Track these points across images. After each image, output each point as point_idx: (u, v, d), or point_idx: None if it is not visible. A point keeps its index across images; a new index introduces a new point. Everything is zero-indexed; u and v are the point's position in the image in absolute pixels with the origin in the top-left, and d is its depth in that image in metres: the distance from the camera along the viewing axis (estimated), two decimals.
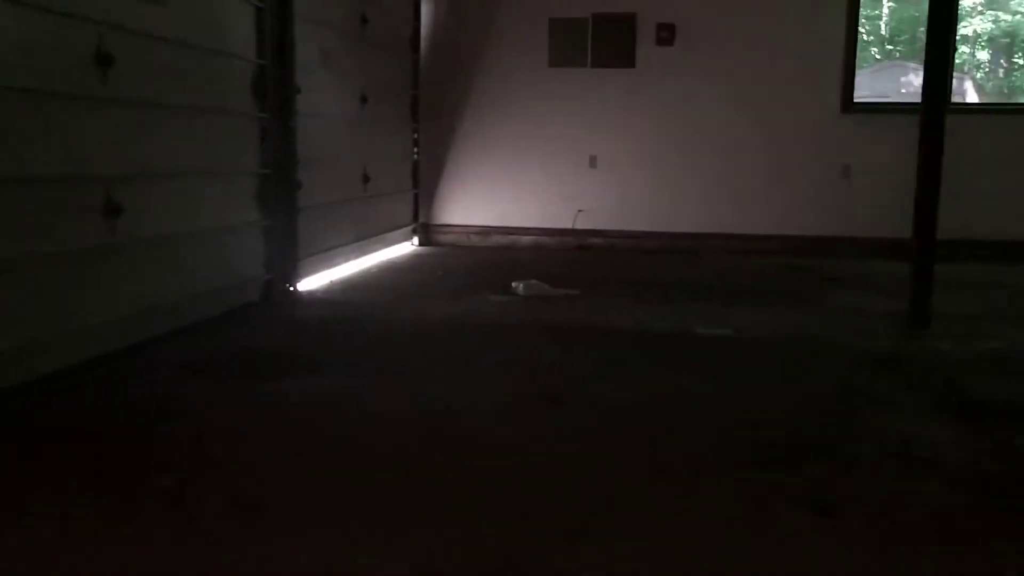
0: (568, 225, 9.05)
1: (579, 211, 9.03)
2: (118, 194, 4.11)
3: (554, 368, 4.26)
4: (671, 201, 8.98)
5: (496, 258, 8.31)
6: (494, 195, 9.16)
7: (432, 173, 9.16)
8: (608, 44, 8.81)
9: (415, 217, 9.05)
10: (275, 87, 5.64)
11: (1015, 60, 24.07)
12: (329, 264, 6.78)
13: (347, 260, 7.16)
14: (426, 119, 9.04)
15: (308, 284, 6.31)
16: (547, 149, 9.03)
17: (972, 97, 18.91)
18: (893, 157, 8.65)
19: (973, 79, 21.03)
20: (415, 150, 8.99)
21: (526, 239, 9.16)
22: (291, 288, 5.98)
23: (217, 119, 5.15)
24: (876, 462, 3.07)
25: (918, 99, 5.10)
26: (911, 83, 19.85)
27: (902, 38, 25.69)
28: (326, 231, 6.64)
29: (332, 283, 6.57)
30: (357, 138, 7.31)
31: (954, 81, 9.48)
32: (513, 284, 6.25)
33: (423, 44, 8.94)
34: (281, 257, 5.84)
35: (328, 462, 3.03)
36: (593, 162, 9.04)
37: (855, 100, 8.78)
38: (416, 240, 9.07)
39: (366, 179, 7.48)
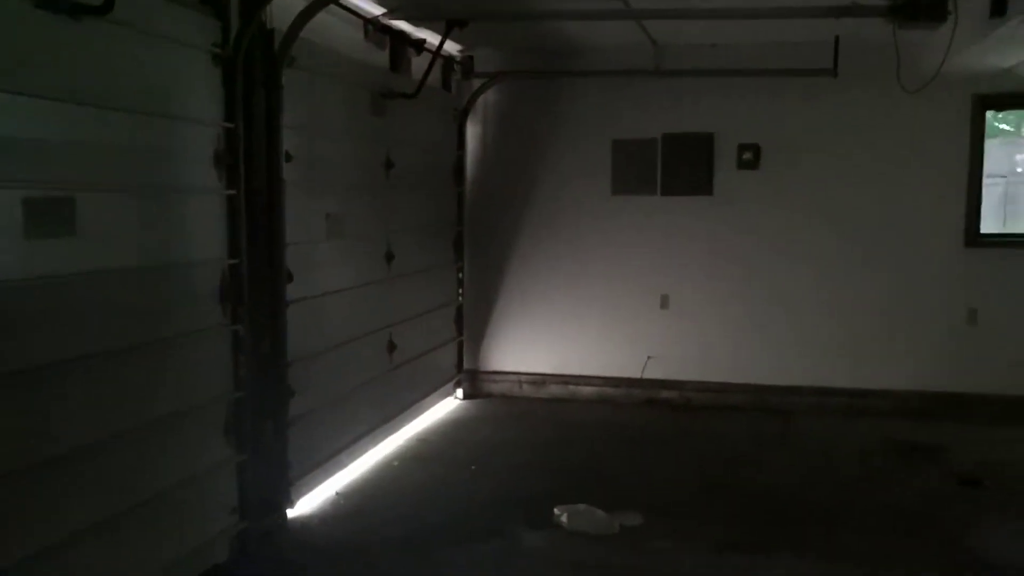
0: (636, 374, 7.76)
1: (648, 358, 7.75)
2: None
3: None
4: (757, 348, 7.62)
5: (549, 425, 7.10)
6: (551, 339, 7.93)
7: (480, 315, 8.00)
8: (681, 169, 7.55)
9: (459, 367, 7.89)
10: (252, 286, 4.54)
11: None
12: (339, 466, 5.63)
13: (365, 451, 6.00)
14: (472, 256, 7.92)
15: (308, 503, 5.18)
16: (611, 288, 7.79)
17: None
18: None
19: None
20: (459, 291, 7.85)
21: (587, 390, 7.89)
22: (280, 522, 4.83)
23: (174, 345, 4.04)
24: None
25: None
26: None
27: None
28: (334, 432, 5.50)
29: (338, 496, 5.40)
30: (381, 302, 6.19)
31: None
32: (556, 511, 5.01)
33: (468, 174, 7.84)
34: (264, 489, 4.68)
35: None
36: (665, 302, 7.75)
37: (981, 232, 7.29)
38: (460, 392, 7.89)
39: (392, 347, 6.35)
